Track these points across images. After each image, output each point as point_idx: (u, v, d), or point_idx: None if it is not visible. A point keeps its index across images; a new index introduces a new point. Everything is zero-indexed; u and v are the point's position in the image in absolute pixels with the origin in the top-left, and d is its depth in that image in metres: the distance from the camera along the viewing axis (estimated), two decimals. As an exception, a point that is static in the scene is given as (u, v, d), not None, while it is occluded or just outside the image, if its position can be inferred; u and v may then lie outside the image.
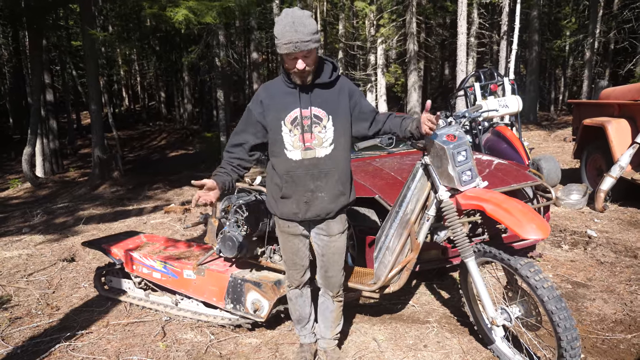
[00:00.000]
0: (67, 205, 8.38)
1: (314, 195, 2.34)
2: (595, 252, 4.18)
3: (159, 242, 3.80)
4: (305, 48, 2.10)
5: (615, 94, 5.90)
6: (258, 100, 2.35)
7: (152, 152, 20.28)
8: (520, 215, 2.15)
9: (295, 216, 2.40)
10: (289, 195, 2.37)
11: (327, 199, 2.36)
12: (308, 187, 2.33)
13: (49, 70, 15.00)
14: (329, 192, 2.35)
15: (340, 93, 2.34)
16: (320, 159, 2.31)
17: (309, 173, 2.31)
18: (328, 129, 2.30)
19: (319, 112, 2.29)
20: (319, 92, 2.30)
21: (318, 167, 2.31)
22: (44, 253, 5.27)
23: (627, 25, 13.95)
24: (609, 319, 3.01)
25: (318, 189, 2.34)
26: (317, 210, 2.37)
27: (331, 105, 2.31)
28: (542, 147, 10.95)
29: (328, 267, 2.50)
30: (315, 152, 2.30)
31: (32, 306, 3.74)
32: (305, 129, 2.28)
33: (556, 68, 21.00)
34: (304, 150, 2.29)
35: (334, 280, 2.54)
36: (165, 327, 3.21)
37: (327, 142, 2.30)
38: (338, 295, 2.59)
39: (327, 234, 2.45)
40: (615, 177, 5.20)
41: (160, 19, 9.35)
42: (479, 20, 15.30)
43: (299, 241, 2.51)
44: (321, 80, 2.30)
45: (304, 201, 2.35)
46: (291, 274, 2.63)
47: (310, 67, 2.19)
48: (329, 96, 2.32)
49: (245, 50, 28.30)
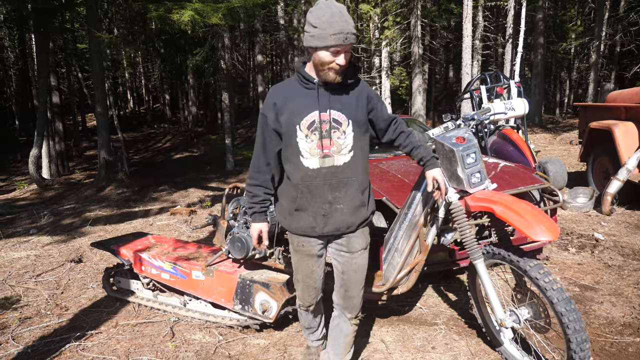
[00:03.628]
0: (73, 207, 8.42)
1: (332, 207, 2.14)
2: (602, 255, 4.18)
3: (168, 244, 3.82)
4: (353, 40, 1.97)
5: (622, 97, 5.89)
6: (271, 103, 2.14)
7: (156, 154, 20.36)
8: (530, 217, 2.15)
9: (312, 230, 2.19)
10: (305, 208, 2.16)
11: (346, 211, 2.16)
12: (326, 199, 2.13)
13: (55, 73, 15.11)
14: (348, 204, 2.15)
15: (359, 96, 2.16)
16: (338, 167, 2.11)
17: (327, 183, 2.11)
18: (348, 134, 2.11)
19: (339, 117, 2.10)
20: (338, 94, 2.12)
21: (337, 177, 2.12)
22: (51, 254, 5.31)
23: (633, 28, 13.93)
24: (617, 322, 3.00)
25: (336, 201, 2.14)
26: (336, 224, 2.17)
27: (350, 109, 2.13)
28: (547, 150, 10.93)
29: (349, 286, 2.30)
30: (333, 159, 2.10)
31: (41, 306, 3.76)
32: (324, 134, 2.08)
33: (561, 71, 20.96)
34: (322, 157, 2.09)
35: (355, 301, 2.34)
36: (174, 328, 3.23)
37: (346, 149, 2.11)
38: (356, 318, 2.40)
39: (348, 250, 2.26)
40: (622, 180, 5.19)
41: (166, 21, 9.39)
42: (484, 23, 15.30)
43: (313, 263, 2.31)
44: (343, 81, 2.12)
45: (321, 214, 2.15)
46: (303, 296, 2.43)
47: (346, 64, 2.03)
48: (348, 99, 2.14)
49: (249, 53, 28.40)
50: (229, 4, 9.57)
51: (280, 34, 19.20)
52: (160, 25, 10.16)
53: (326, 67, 2.01)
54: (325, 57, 1.99)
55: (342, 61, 1.99)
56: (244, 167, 13.56)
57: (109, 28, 21.10)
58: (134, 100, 33.85)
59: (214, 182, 11.49)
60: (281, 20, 18.56)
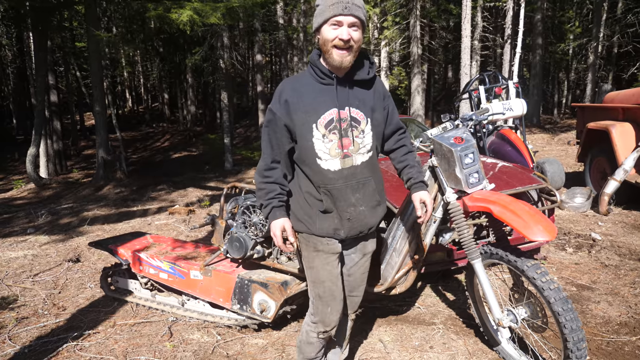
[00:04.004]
0: (71, 206, 8.41)
1: (357, 210, 2.02)
2: (599, 255, 4.19)
3: (166, 243, 3.82)
4: (355, 12, 1.79)
5: (619, 98, 5.91)
6: (282, 100, 1.94)
7: (155, 153, 20.34)
8: (527, 217, 2.16)
9: (336, 233, 2.04)
10: (331, 210, 2.01)
11: (367, 212, 2.05)
12: (349, 202, 2.00)
13: (53, 72, 15.08)
14: (367, 204, 2.04)
15: (376, 94, 2.03)
16: (357, 167, 1.98)
17: (349, 185, 1.98)
18: (367, 133, 1.98)
19: (357, 114, 1.96)
20: (357, 89, 1.97)
21: (356, 177, 1.99)
22: (49, 253, 5.30)
23: (630, 30, 13.97)
24: (614, 322, 3.02)
25: (359, 202, 2.02)
26: (359, 226, 2.06)
27: (369, 106, 1.99)
28: (545, 150, 10.96)
29: (354, 287, 2.23)
30: (352, 159, 1.97)
31: (39, 306, 3.76)
32: (343, 133, 1.93)
33: (559, 71, 21.01)
34: (342, 158, 1.95)
35: (358, 300, 2.29)
36: (172, 328, 3.23)
37: (364, 148, 1.99)
38: (354, 314, 2.40)
39: (361, 252, 2.17)
40: (620, 181, 5.21)
41: (165, 20, 9.39)
42: (483, 24, 15.33)
43: (337, 264, 2.11)
44: (360, 76, 1.96)
45: (346, 218, 2.01)
46: (327, 314, 2.12)
47: (356, 45, 1.85)
48: (367, 96, 1.99)
49: (248, 53, 28.39)
50: (228, 3, 9.57)
51: (279, 33, 19.19)
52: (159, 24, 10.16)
53: (330, 46, 1.83)
54: (327, 33, 1.83)
55: (345, 35, 1.79)
56: (242, 167, 13.56)
57: (107, 27, 21.06)
58: (132, 99, 33.81)
59: (213, 181, 11.48)
60: (280, 19, 18.56)
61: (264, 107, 17.77)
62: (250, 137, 21.27)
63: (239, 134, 22.72)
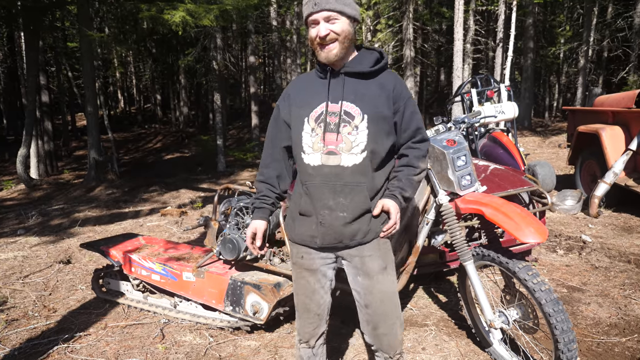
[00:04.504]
0: (62, 207, 8.35)
1: (333, 214, 1.81)
2: (590, 257, 4.23)
3: (158, 245, 3.81)
4: (326, 6, 1.71)
5: (609, 102, 5.98)
6: (286, 94, 1.96)
7: (147, 154, 20.23)
8: (519, 219, 2.18)
9: (312, 241, 1.88)
10: (306, 213, 1.87)
11: (349, 220, 1.82)
12: (325, 203, 1.81)
13: (44, 72, 14.97)
14: (352, 212, 1.82)
15: (383, 89, 1.83)
16: (346, 168, 1.79)
17: (329, 185, 1.80)
18: (360, 131, 1.79)
19: (351, 109, 1.81)
20: (354, 83, 1.83)
21: (342, 179, 1.80)
22: (39, 255, 5.26)
23: (620, 34, 14.14)
24: (604, 323, 3.05)
25: (339, 207, 1.81)
26: (334, 234, 1.84)
27: (368, 101, 1.81)
28: (536, 153, 11.04)
29: (377, 322, 1.91)
30: (340, 158, 1.79)
31: (29, 308, 3.73)
32: (331, 127, 1.80)
33: (550, 75, 21.20)
34: (325, 154, 1.81)
35: (390, 339, 1.92)
36: (164, 330, 3.22)
37: (357, 147, 1.79)
38: (397, 355, 1.97)
39: (364, 273, 1.89)
40: (610, 183, 5.26)
41: (157, 21, 9.36)
42: (475, 27, 15.43)
43: (315, 280, 1.95)
44: (358, 68, 1.83)
45: (319, 221, 1.83)
46: (301, 324, 2.04)
47: (340, 35, 1.76)
48: (367, 90, 1.82)
49: (241, 54, 28.36)
50: (221, 5, 9.56)
51: (273, 35, 19.20)
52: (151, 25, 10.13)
53: (315, 45, 1.80)
54: (310, 33, 1.80)
55: (322, 31, 1.74)
56: (235, 168, 13.53)
57: (100, 27, 20.94)
58: (124, 100, 33.62)
59: (205, 182, 11.44)
60: (274, 21, 18.58)
61: (257, 109, 17.76)
62: (243, 139, 21.24)
63: (232, 136, 22.67)
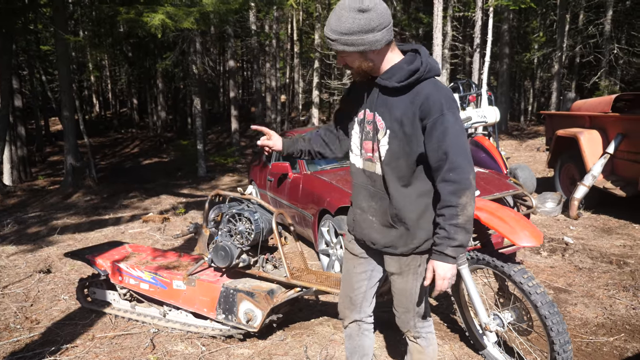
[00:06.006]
0: (39, 215, 8.12)
1: (364, 215, 1.93)
2: (573, 258, 4.33)
3: (145, 253, 3.73)
4: (331, 47, 1.73)
5: (586, 106, 6.14)
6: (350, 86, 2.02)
7: (124, 159, 19.90)
8: (514, 223, 2.22)
9: (350, 230, 2.06)
10: (352, 204, 2.03)
11: (376, 226, 1.90)
12: (360, 204, 1.94)
13: (17, 75, 14.59)
14: (380, 219, 1.88)
15: (413, 103, 1.72)
16: (377, 176, 1.86)
17: (366, 187, 1.91)
18: (382, 145, 1.80)
19: (379, 122, 1.81)
20: (388, 96, 1.79)
21: (375, 186, 1.88)
22: (17, 264, 5.10)
23: (591, 40, 14.58)
24: (591, 323, 3.12)
25: (370, 211, 1.91)
26: (361, 232, 1.97)
27: (393, 116, 1.76)
28: (514, 156, 11.27)
29: (396, 305, 2.06)
30: (375, 166, 1.85)
31: (10, 320, 3.61)
32: (370, 136, 1.84)
33: (525, 80, 21.69)
34: (365, 159, 1.89)
35: (401, 321, 2.08)
36: (154, 340, 3.15)
37: (384, 160, 1.83)
38: (407, 334, 2.10)
39: (386, 269, 2.02)
40: (588, 186, 5.40)
41: (136, 24, 9.22)
42: (452, 33, 15.68)
43: (355, 264, 2.08)
44: (387, 82, 1.75)
45: (353, 217, 2.00)
46: (340, 301, 2.21)
47: (355, 67, 1.77)
48: (397, 104, 1.76)
49: (219, 58, 28.19)
50: (202, 8, 9.48)
51: (252, 39, 19.13)
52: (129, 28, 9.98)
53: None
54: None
55: (339, 63, 1.81)
56: (216, 173, 13.41)
57: (74, 30, 20.52)
58: (99, 104, 33.01)
59: (186, 188, 11.31)
60: (253, 25, 18.53)
61: (237, 113, 17.68)
62: (223, 144, 21.09)
63: (211, 140, 22.47)
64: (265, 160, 6.09)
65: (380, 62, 1.75)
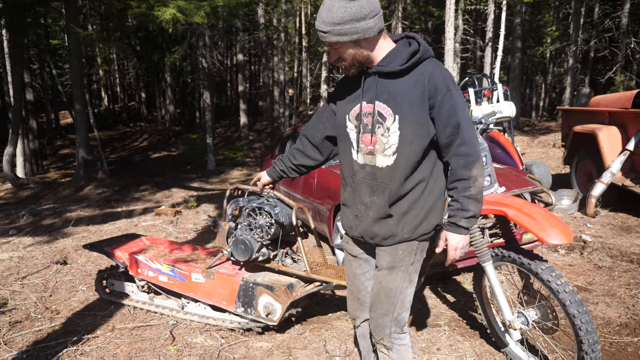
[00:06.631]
0: (52, 207, 8.17)
1: (366, 212, 1.89)
2: (592, 256, 4.29)
3: (163, 245, 3.74)
4: (323, 39, 1.73)
5: (605, 102, 6.06)
6: (335, 90, 2.01)
7: (133, 153, 19.96)
8: (543, 220, 2.19)
9: (349, 230, 2.01)
10: (348, 204, 1.99)
11: (371, 219, 1.89)
12: (363, 200, 1.89)
13: (28, 69, 14.64)
14: (377, 212, 1.86)
15: (418, 84, 1.73)
16: (379, 169, 1.83)
17: (367, 182, 1.87)
18: (392, 132, 1.77)
19: (384, 110, 1.77)
20: (386, 83, 1.77)
21: (376, 180, 1.84)
22: (34, 255, 5.13)
23: (607, 34, 14.38)
24: (614, 323, 3.08)
25: (372, 206, 1.87)
26: (362, 230, 1.93)
27: (400, 100, 1.74)
28: (527, 152, 11.17)
29: (372, 305, 2.01)
30: (375, 159, 1.83)
31: (31, 310, 3.63)
32: (368, 128, 1.81)
33: (536, 75, 21.48)
34: (366, 154, 1.85)
35: (375, 325, 2.00)
36: (174, 331, 3.16)
37: (389, 149, 1.79)
38: (380, 343, 2.01)
39: (376, 264, 2.00)
40: (607, 183, 5.34)
41: (147, 17, 9.21)
42: (464, 27, 15.54)
43: (356, 265, 2.08)
44: (389, 68, 1.75)
45: (355, 214, 1.94)
46: (348, 303, 2.21)
47: (346, 62, 1.77)
48: (401, 88, 1.75)
49: (227, 52, 28.14)
50: (212, 2, 9.46)
51: (260, 33, 19.07)
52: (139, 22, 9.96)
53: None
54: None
55: (330, 59, 1.81)
56: (225, 167, 13.42)
57: (83, 24, 20.56)
58: (108, 98, 33.11)
59: (196, 182, 11.33)
60: (261, 19, 18.46)
61: (245, 107, 17.65)
62: (231, 138, 21.09)
63: (219, 134, 22.48)
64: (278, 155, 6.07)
65: (373, 50, 1.77)
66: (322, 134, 2.09)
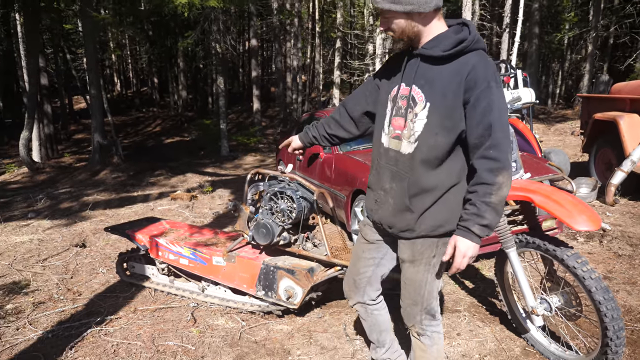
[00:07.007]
0: (69, 191, 8.28)
1: (386, 197, 1.85)
2: (611, 244, 4.24)
3: (183, 229, 3.78)
4: (376, 4, 1.66)
5: (627, 89, 5.94)
6: (383, 66, 1.95)
7: (147, 138, 20.09)
8: (571, 207, 2.17)
9: (370, 213, 1.99)
10: (372, 187, 1.95)
11: (392, 208, 1.83)
12: (383, 185, 1.85)
13: (42, 54, 14.73)
14: (397, 201, 1.80)
15: (457, 74, 1.63)
16: (402, 155, 1.77)
17: (390, 168, 1.82)
18: (419, 119, 1.70)
19: (417, 94, 1.71)
20: (427, 67, 1.70)
21: (397, 166, 1.79)
22: (54, 238, 5.22)
23: (628, 20, 14.04)
24: (635, 310, 3.06)
25: (391, 192, 1.82)
26: (381, 216, 1.89)
27: (434, 88, 1.67)
28: (543, 140, 11.04)
29: (402, 296, 1.99)
30: (400, 144, 1.77)
31: (53, 291, 3.70)
32: (401, 112, 1.76)
33: (553, 61, 21.10)
34: (392, 137, 1.80)
35: (406, 314, 1.99)
36: (195, 313, 3.21)
37: (413, 136, 1.72)
38: (413, 328, 2.00)
39: (399, 256, 1.96)
40: (627, 172, 5.25)
41: (162, 2, 9.18)
42: (481, 12, 15.28)
43: (365, 249, 2.06)
44: (431, 52, 1.67)
45: (375, 199, 1.91)
46: (344, 281, 2.20)
47: (394, 33, 1.69)
48: (438, 76, 1.67)
49: (239, 38, 28.03)
50: (227, -14, 9.41)
51: (273, 18, 18.94)
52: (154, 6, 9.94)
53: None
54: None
55: (381, 25, 1.73)
56: (239, 153, 13.47)
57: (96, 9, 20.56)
58: (121, 83, 33.25)
59: (210, 167, 11.39)
60: (275, 3, 18.32)
61: (258, 93, 17.61)
62: (244, 123, 21.10)
63: (231, 120, 22.50)
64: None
65: (425, 28, 1.68)
66: (363, 108, 2.04)
